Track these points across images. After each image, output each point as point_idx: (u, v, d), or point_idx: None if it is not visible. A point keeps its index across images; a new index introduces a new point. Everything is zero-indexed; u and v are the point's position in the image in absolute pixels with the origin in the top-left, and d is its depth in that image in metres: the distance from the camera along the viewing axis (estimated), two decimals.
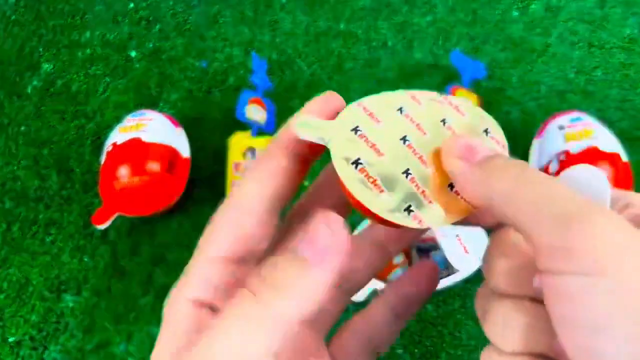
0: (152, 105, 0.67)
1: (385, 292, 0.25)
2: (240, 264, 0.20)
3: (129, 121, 0.60)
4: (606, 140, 0.54)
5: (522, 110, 0.64)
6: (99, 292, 0.58)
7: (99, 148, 0.64)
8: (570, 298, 0.16)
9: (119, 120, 0.63)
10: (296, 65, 0.69)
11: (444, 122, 0.22)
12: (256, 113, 0.61)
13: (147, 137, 0.58)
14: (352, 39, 0.70)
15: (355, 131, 0.20)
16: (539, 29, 0.69)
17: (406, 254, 0.55)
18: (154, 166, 0.57)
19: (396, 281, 0.26)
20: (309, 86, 0.67)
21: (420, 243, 0.55)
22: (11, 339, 0.56)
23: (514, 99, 0.65)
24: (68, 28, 0.74)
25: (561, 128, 0.56)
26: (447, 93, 0.59)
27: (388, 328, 0.25)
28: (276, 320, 0.16)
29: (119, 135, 0.59)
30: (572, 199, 0.17)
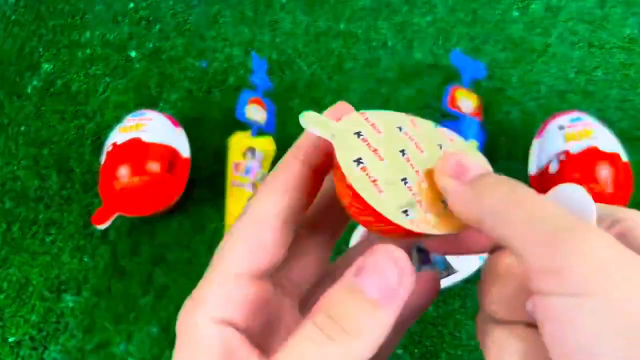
0: (152, 105, 0.67)
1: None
2: (260, 280, 0.21)
3: (129, 121, 0.60)
4: (606, 140, 0.54)
5: (522, 110, 0.64)
6: (99, 292, 0.58)
7: (99, 148, 0.64)
8: (559, 319, 0.16)
9: (119, 120, 0.63)
10: (296, 65, 0.69)
11: (440, 147, 0.22)
12: (256, 113, 0.61)
13: (147, 137, 0.58)
14: (352, 39, 0.70)
15: (358, 135, 0.21)
16: (539, 29, 0.69)
17: (408, 254, 0.55)
18: (154, 166, 0.57)
19: None
20: (309, 86, 0.67)
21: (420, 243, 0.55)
22: (11, 339, 0.56)
23: (514, 99, 0.65)
24: (68, 28, 0.74)
25: (561, 128, 0.56)
26: (447, 93, 0.59)
27: (387, 340, 0.25)
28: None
29: (119, 135, 0.59)
30: (561, 217, 0.17)
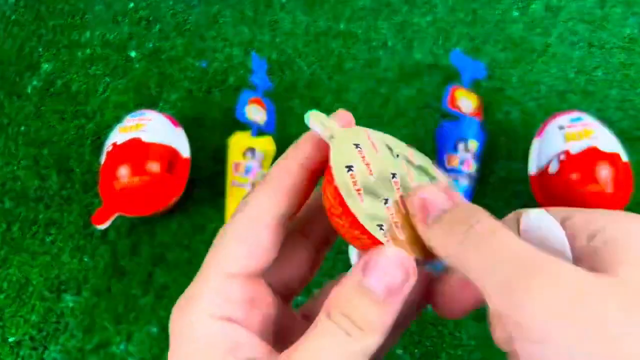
0: (152, 105, 0.67)
1: None
2: (254, 278, 0.21)
3: (129, 121, 0.60)
4: (606, 140, 0.54)
5: (522, 110, 0.64)
6: (99, 292, 0.58)
7: (99, 148, 0.64)
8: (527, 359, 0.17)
9: (119, 120, 0.63)
10: (296, 65, 0.69)
11: (431, 181, 0.23)
12: (256, 113, 0.61)
13: (147, 137, 0.58)
14: (352, 39, 0.70)
15: (356, 146, 0.22)
16: (539, 29, 0.69)
17: None
18: (154, 166, 0.57)
19: None
20: (309, 86, 0.67)
21: None
22: (11, 339, 0.56)
23: (514, 99, 0.65)
24: (68, 28, 0.74)
25: (561, 128, 0.56)
26: (447, 93, 0.59)
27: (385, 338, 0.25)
28: (364, 353, 0.19)
29: (119, 135, 0.59)
30: (514, 260, 0.17)
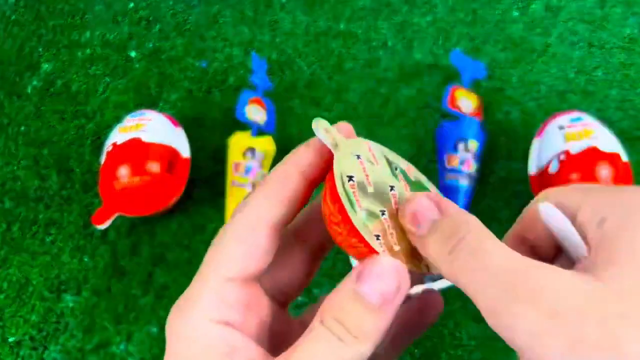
0: (152, 105, 0.67)
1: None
2: (250, 282, 0.21)
3: (129, 121, 0.60)
4: (606, 140, 0.54)
5: (522, 110, 0.64)
6: (99, 292, 0.58)
7: (99, 148, 0.64)
8: None
9: (118, 120, 0.63)
10: (296, 65, 0.69)
11: None
12: (256, 113, 0.61)
13: (147, 137, 0.58)
14: (352, 39, 0.70)
15: (357, 157, 0.22)
16: (539, 29, 0.69)
17: None
18: (154, 166, 0.57)
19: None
20: (309, 86, 0.67)
21: None
22: (11, 339, 0.56)
23: (514, 99, 0.65)
24: (68, 28, 0.74)
25: (561, 128, 0.56)
26: (447, 93, 0.59)
27: (385, 356, 0.25)
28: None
29: (119, 135, 0.59)
30: (499, 279, 0.18)
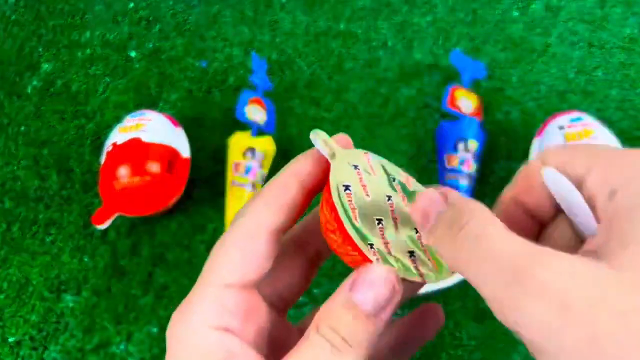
0: (152, 105, 0.67)
1: (385, 331, 0.26)
2: (250, 289, 0.22)
3: (129, 121, 0.60)
4: (606, 140, 0.54)
5: (522, 110, 0.64)
6: (99, 292, 0.58)
7: (99, 148, 0.64)
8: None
9: (118, 120, 0.63)
10: (296, 65, 0.69)
11: None
12: (256, 113, 0.61)
13: (147, 137, 0.58)
14: (352, 39, 0.70)
15: (355, 167, 0.22)
16: (539, 29, 0.69)
17: None
18: (154, 166, 0.57)
19: (399, 321, 0.26)
20: (309, 86, 0.67)
21: None
22: (11, 339, 0.56)
23: (514, 99, 0.65)
24: (68, 28, 0.74)
25: (561, 128, 0.56)
26: (447, 93, 0.59)
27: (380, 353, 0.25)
28: None
29: (118, 135, 0.59)
30: (502, 268, 0.17)
